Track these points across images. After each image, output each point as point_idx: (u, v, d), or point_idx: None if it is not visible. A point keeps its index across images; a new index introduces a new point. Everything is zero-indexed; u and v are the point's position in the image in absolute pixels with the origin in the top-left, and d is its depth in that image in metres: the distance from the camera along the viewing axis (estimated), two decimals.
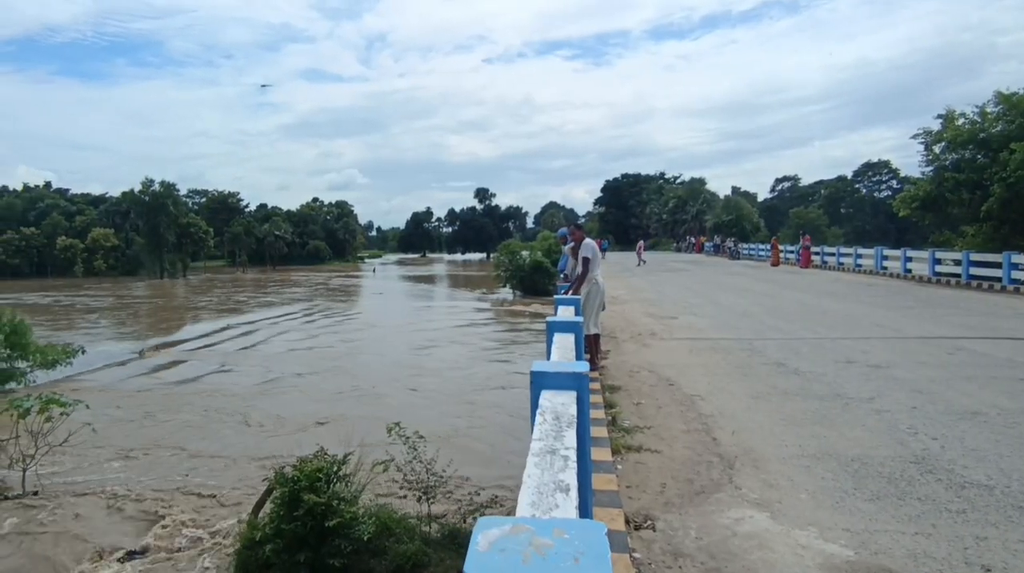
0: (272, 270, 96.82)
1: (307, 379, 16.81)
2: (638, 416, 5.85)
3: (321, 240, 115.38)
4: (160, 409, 13.62)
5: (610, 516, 3.41)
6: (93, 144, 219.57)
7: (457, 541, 6.41)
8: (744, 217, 68.20)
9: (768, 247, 36.66)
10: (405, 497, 7.30)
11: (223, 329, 27.59)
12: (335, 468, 6.66)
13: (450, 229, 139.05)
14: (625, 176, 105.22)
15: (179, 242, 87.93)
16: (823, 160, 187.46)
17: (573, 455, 1.59)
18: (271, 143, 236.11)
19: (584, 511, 2.21)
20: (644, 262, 36.09)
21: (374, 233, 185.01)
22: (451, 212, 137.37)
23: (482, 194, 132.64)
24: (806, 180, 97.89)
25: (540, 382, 2.50)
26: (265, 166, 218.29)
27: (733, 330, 10.88)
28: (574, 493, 1.32)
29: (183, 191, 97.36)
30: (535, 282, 38.39)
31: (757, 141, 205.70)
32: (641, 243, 42.81)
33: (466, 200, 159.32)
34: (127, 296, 50.33)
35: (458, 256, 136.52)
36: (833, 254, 29.99)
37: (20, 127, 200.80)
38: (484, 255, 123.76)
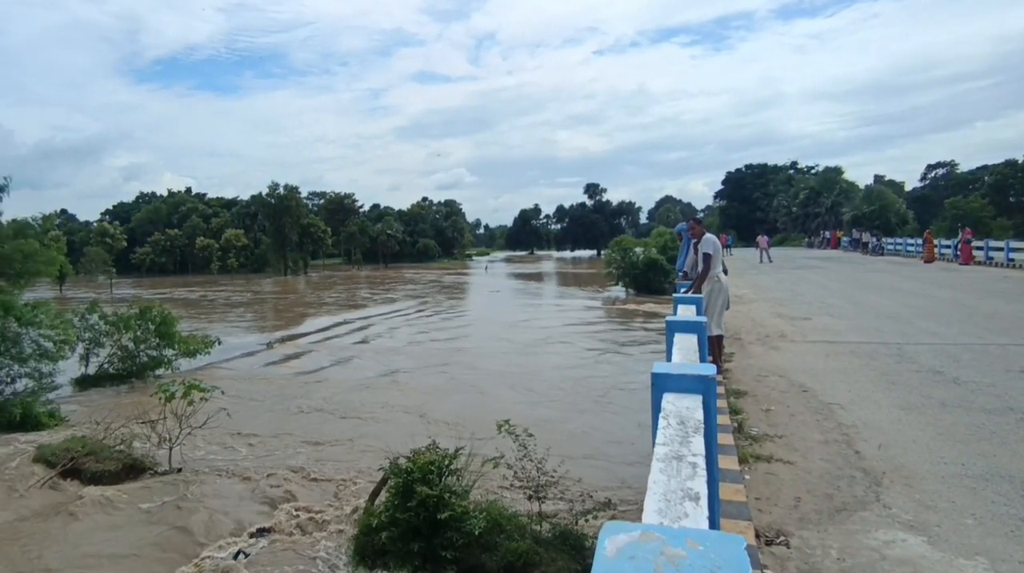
0: (384, 268, 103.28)
1: (418, 373, 17.69)
2: (767, 424, 5.50)
3: (430, 238, 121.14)
4: (285, 397, 15.03)
5: (738, 528, 3.22)
6: (227, 151, 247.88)
7: (569, 542, 6.43)
8: (888, 208, 61.37)
9: (918, 242, 33.23)
10: (515, 495, 7.45)
11: (340, 324, 29.78)
12: (447, 462, 6.94)
13: (558, 226, 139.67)
14: (749, 167, 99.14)
15: (301, 241, 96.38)
16: (986, 143, 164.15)
17: (702, 462, 1.54)
18: (384, 145, 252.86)
19: (712, 522, 2.09)
20: (770, 259, 33.84)
21: (481, 231, 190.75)
22: (560, 209, 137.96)
23: (592, 189, 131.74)
24: (965, 166, 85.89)
25: (662, 384, 2.40)
26: (378, 168, 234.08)
27: (877, 333, 9.86)
28: (704, 503, 1.29)
29: (304, 193, 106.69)
30: (649, 280, 37.59)
31: (903, 125, 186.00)
32: (764, 238, 39.71)
33: (575, 196, 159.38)
34: (256, 291, 56.14)
35: (567, 253, 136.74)
36: (1000, 249, 26.47)
37: (166, 138, 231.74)
38: (594, 252, 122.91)
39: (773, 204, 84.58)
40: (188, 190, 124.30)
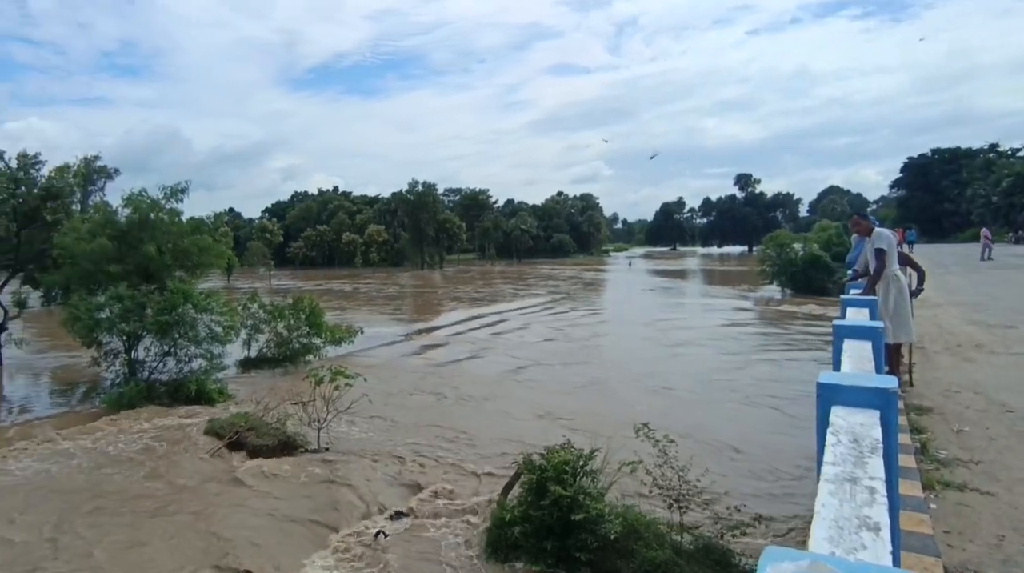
0: (518, 263, 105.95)
1: (552, 370, 17.95)
2: (959, 446, 4.90)
3: (565, 234, 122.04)
4: (423, 386, 16.04)
5: (923, 565, 2.89)
6: (370, 151, 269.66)
7: (712, 557, 6.20)
8: None
9: None
10: (653, 502, 7.32)
11: (475, 318, 31.11)
12: (581, 463, 6.99)
13: (704, 220, 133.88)
14: (936, 152, 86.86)
15: (437, 237, 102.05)
16: None
17: (881, 487, 1.46)
18: (518, 140, 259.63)
19: (893, 557, 1.89)
20: (990, 256, 29.48)
21: (619, 226, 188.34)
22: (706, 201, 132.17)
23: (743, 180, 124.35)
24: None
25: (830, 396, 2.21)
26: (513, 163, 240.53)
27: None
28: (886, 534, 1.22)
29: (440, 190, 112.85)
30: (809, 279, 34.96)
31: None
32: (986, 231, 34.32)
33: (724, 188, 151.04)
34: (394, 285, 60.43)
35: (713, 249, 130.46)
36: None
37: (317, 141, 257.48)
38: (744, 248, 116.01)
39: (967, 194, 73.29)
40: (335, 189, 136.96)
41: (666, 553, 6.21)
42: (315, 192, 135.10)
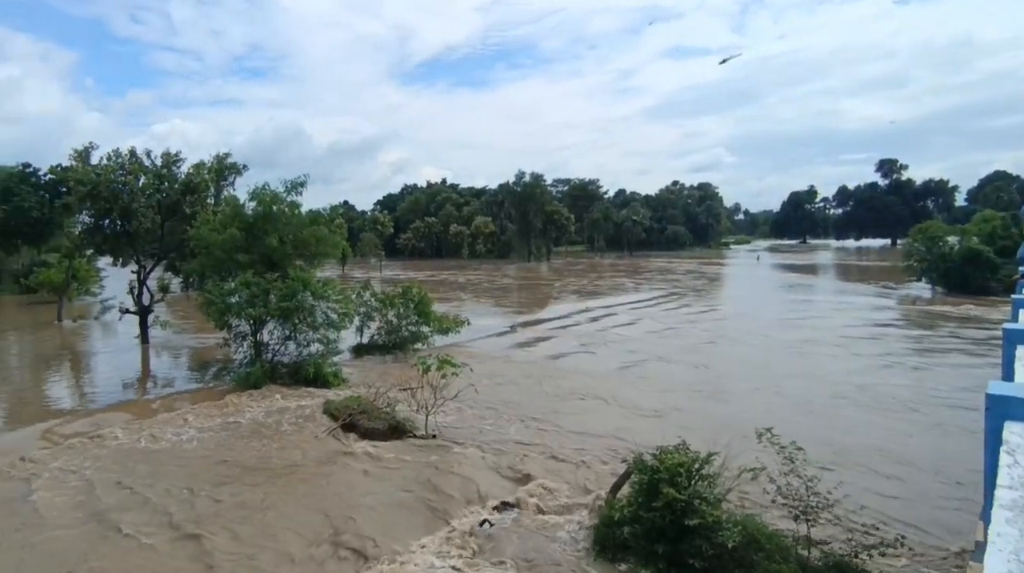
0: (629, 256, 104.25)
1: (662, 367, 17.52)
2: None
3: (680, 225, 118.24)
4: (528, 379, 16.24)
5: None
6: (479, 142, 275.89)
7: None
8: None
9: None
10: (777, 513, 6.91)
11: (583, 311, 30.94)
12: (697, 465, 6.72)
13: (839, 210, 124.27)
14: None
15: (544, 228, 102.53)
16: None
17: None
18: (631, 128, 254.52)
19: None
20: None
21: (741, 216, 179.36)
22: (842, 190, 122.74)
23: (887, 166, 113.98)
24: None
25: (1003, 410, 1.92)
26: (625, 151, 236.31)
27: None
28: None
29: (548, 180, 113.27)
30: (966, 276, 31.86)
31: None
32: None
33: (863, 175, 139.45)
34: (500, 276, 61.51)
35: (849, 242, 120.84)
36: None
37: (427, 134, 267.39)
38: (887, 242, 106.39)
39: None
40: (444, 181, 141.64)
41: (791, 568, 5.91)
42: (424, 184, 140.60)
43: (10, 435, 12.20)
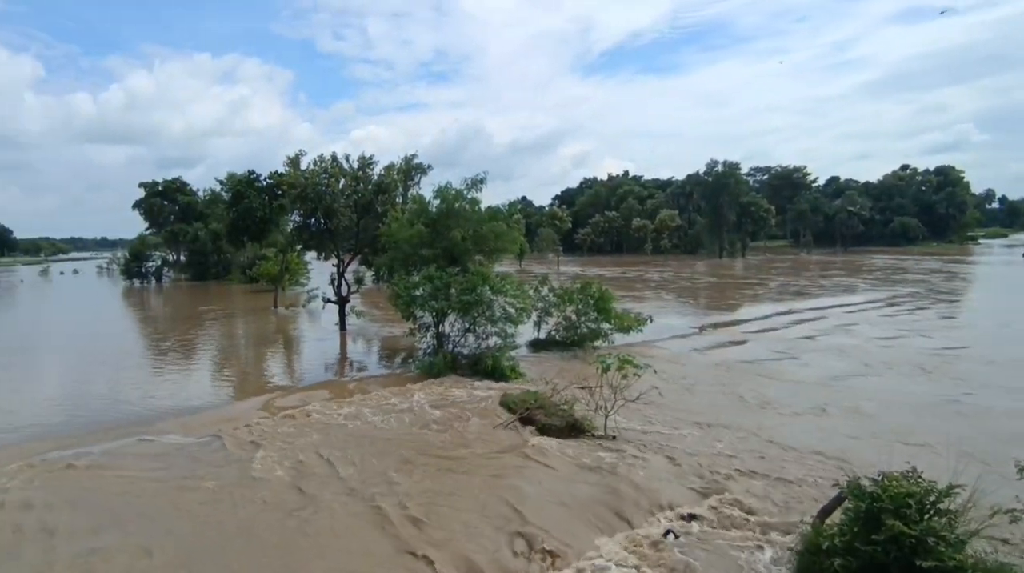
0: (843, 252, 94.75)
1: (885, 381, 15.69)
2: None
3: (911, 216, 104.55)
4: (719, 384, 15.52)
5: None
6: (664, 132, 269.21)
7: None
8: None
9: None
10: None
11: (784, 313, 28.95)
12: (933, 498, 5.89)
13: None
14: None
15: (739, 222, 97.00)
16: None
17: None
18: (848, 106, 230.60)
19: None
20: None
21: (995, 205, 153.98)
22: None
23: None
24: None
25: None
26: (839, 134, 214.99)
27: None
28: None
29: (745, 169, 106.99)
30: None
31: None
32: None
33: None
34: (688, 274, 59.37)
35: None
36: None
37: (609, 125, 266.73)
38: None
39: None
40: (625, 173, 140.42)
41: None
42: (604, 177, 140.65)
43: (239, 405, 14.54)
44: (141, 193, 68.38)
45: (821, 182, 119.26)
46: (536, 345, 20.89)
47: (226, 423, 12.27)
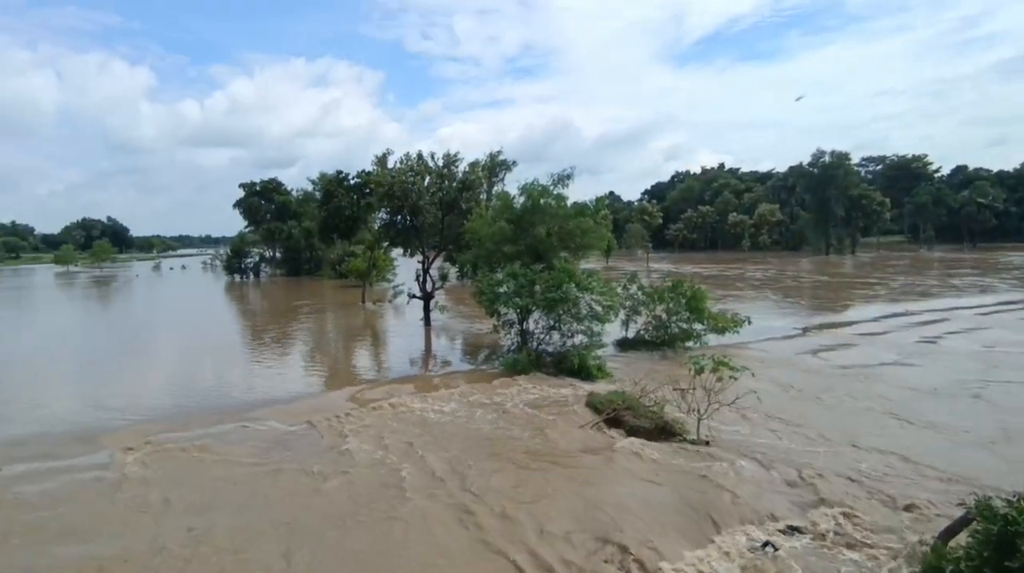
0: (971, 248, 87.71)
1: (1019, 391, 14.30)
2: None
3: None
4: (825, 390, 14.69)
5: None
6: (764, 122, 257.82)
7: None
8: None
9: None
10: None
11: (900, 314, 27.14)
12: None
13: None
14: None
15: (848, 216, 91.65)
16: None
17: None
18: (978, 88, 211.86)
19: None
20: None
21: None
22: None
23: None
24: None
25: None
26: (966, 118, 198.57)
27: None
28: None
29: (855, 159, 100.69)
30: None
31: None
32: None
33: None
34: (792, 272, 56.63)
35: None
36: None
37: (703, 116, 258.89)
38: None
39: None
40: (721, 166, 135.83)
41: None
42: (698, 171, 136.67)
43: (330, 395, 15.25)
44: (241, 193, 72.78)
45: (944, 172, 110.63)
46: (624, 344, 20.56)
47: (318, 413, 12.94)
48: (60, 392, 16.51)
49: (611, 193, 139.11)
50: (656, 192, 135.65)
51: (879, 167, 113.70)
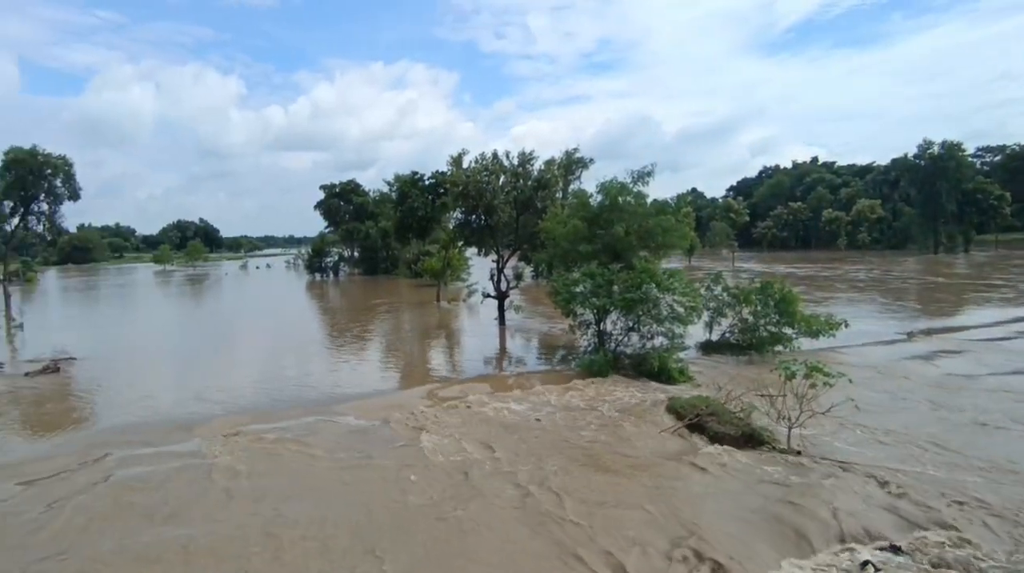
0: None
1: None
2: None
3: None
4: (931, 400, 13.81)
5: None
6: (860, 113, 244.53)
7: None
8: None
9: None
10: None
11: (1021, 319, 25.16)
12: None
13: None
14: None
15: (960, 212, 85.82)
16: None
17: None
18: None
19: None
20: None
21: None
22: None
23: None
24: None
25: None
26: None
27: None
28: None
29: (969, 150, 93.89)
30: None
31: None
32: None
33: None
34: (898, 272, 53.46)
35: None
36: None
37: (795, 108, 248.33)
38: None
39: None
40: (814, 160, 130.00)
41: None
42: (788, 165, 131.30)
43: (405, 393, 15.63)
44: (321, 195, 75.71)
45: None
46: (707, 347, 20.00)
47: (394, 409, 13.34)
48: (162, 383, 17.88)
49: (693, 189, 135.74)
50: (742, 188, 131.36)
51: (997, 158, 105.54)
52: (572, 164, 30.03)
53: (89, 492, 9.13)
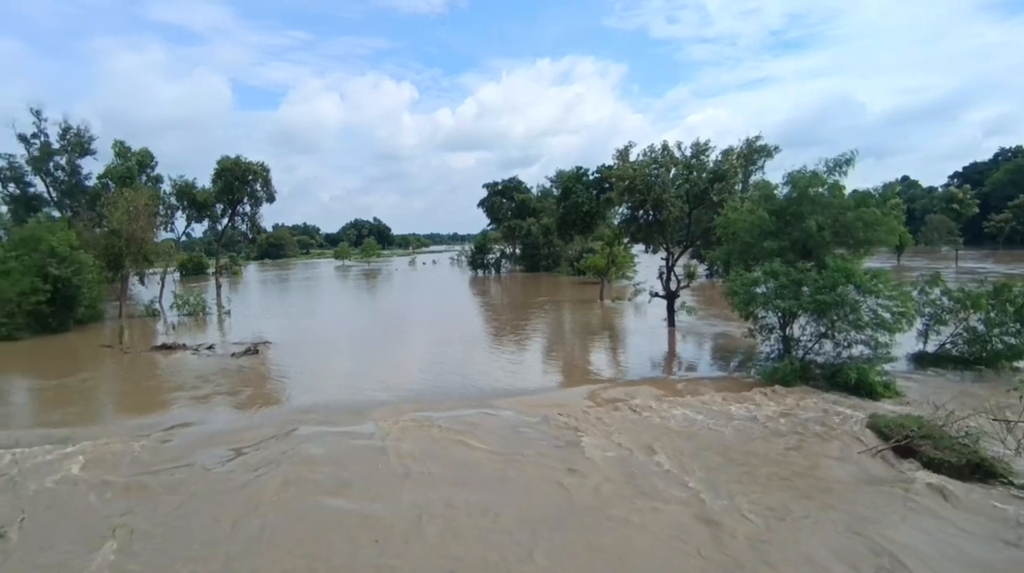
0: None
1: None
2: None
3: None
4: None
5: None
6: None
7: None
8: None
9: None
10: None
11: None
12: None
13: None
14: None
15: None
16: None
17: None
18: None
19: None
20: None
21: None
22: None
23: None
24: None
25: None
26: None
27: None
28: None
29: None
30: None
31: None
32: None
33: None
34: None
35: None
36: None
37: None
38: None
39: None
40: None
41: None
42: None
43: (566, 392, 15.68)
44: (484, 193, 78.56)
45: None
46: (921, 360, 17.86)
47: (554, 408, 13.46)
48: (341, 369, 19.65)
49: (904, 178, 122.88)
50: (971, 175, 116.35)
51: None
52: (753, 153, 28.20)
53: (282, 462, 10.49)
